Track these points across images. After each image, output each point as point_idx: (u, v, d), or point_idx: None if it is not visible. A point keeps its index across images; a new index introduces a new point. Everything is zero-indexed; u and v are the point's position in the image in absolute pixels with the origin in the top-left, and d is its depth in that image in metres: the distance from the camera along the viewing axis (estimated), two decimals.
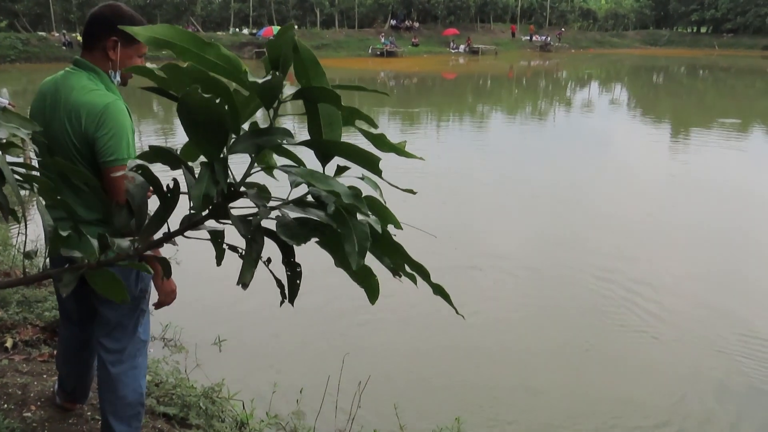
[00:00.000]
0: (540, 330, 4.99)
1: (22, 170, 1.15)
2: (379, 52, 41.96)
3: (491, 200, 8.78)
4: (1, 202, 1.00)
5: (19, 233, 5.56)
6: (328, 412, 3.61)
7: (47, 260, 1.65)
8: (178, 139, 9.51)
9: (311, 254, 1.43)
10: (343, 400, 3.58)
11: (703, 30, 59.03)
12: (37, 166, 1.35)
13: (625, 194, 9.13)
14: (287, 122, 9.74)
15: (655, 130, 15.65)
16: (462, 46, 45.95)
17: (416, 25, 49.81)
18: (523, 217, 8.02)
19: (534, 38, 49.99)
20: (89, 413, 2.75)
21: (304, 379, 4.00)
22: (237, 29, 47.53)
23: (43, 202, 1.26)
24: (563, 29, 53.17)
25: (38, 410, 2.66)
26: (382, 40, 43.54)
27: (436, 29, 49.92)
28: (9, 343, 3.16)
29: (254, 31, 43.77)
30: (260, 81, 1.06)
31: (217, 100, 1.01)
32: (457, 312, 1.18)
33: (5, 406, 2.63)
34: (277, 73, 1.09)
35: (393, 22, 49.75)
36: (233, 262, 1.23)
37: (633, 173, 10.49)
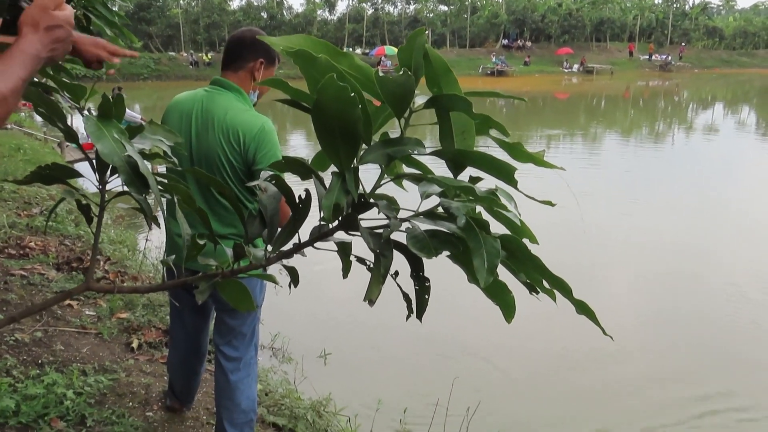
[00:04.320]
0: (671, 366, 4.68)
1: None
2: (489, 72, 41.70)
3: (603, 229, 8.38)
4: (145, 210, 1.03)
5: (146, 239, 5.90)
6: None
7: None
8: (302, 152, 9.76)
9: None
10: (450, 426, 3.49)
11: None
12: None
13: (751, 226, 8.44)
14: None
15: None
16: (576, 66, 44.72)
17: (529, 44, 49.14)
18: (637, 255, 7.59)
19: (653, 57, 47.89)
20: (204, 417, 2.83)
21: (408, 399, 3.95)
22: (351, 49, 48.98)
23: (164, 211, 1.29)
24: (684, 44, 50.58)
25: (159, 410, 2.77)
26: (493, 59, 43.22)
27: (549, 48, 49.00)
28: (135, 344, 3.33)
29: (367, 50, 44.88)
30: (392, 76, 1.03)
31: (351, 94, 0.98)
32: (604, 333, 1.08)
33: (130, 404, 2.76)
34: (409, 72, 1.06)
35: (505, 41, 49.37)
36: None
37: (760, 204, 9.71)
